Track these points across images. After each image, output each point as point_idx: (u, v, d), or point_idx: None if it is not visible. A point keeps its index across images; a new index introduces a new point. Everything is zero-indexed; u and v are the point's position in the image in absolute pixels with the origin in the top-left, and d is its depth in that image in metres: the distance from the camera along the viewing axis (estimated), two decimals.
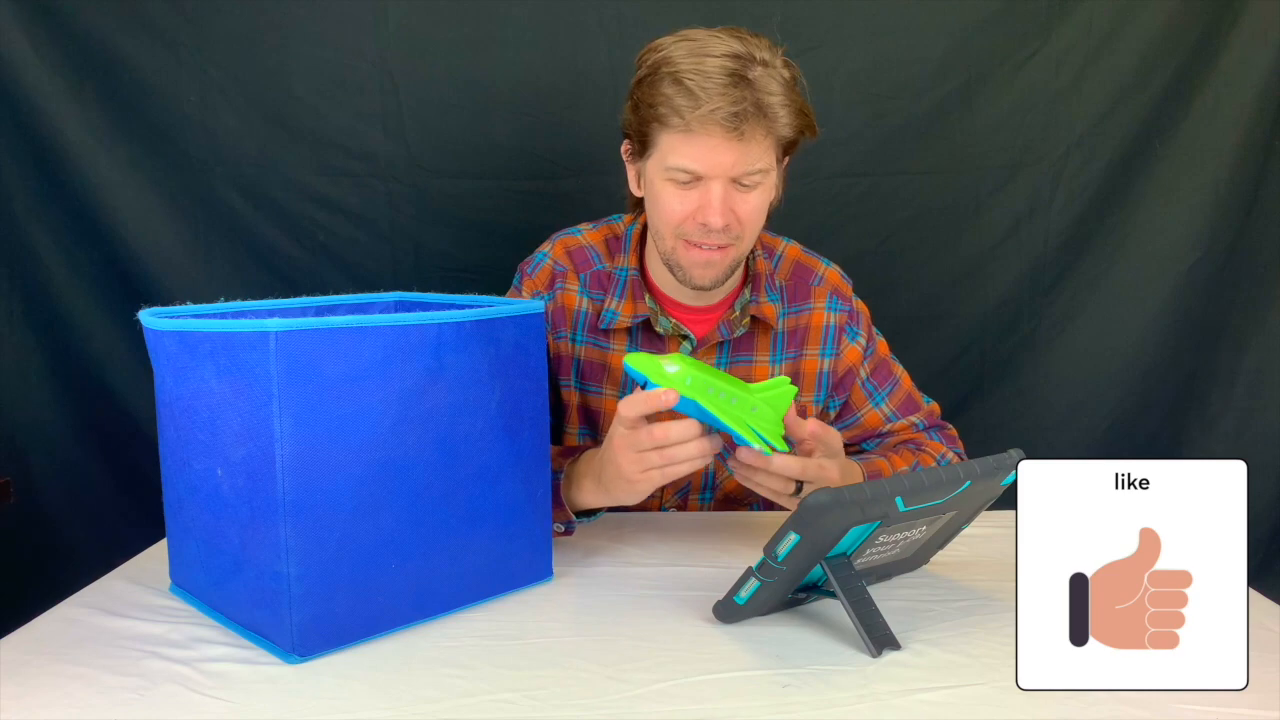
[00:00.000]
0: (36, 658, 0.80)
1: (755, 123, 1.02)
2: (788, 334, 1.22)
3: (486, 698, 0.74)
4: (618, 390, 1.20)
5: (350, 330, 0.78)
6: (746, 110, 1.00)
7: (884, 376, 1.28)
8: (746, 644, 0.83)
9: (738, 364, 1.21)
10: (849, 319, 1.24)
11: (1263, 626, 0.84)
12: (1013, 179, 1.70)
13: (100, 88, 1.63)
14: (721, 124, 1.01)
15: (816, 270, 1.25)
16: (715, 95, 1.00)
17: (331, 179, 1.68)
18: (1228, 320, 1.74)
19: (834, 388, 1.24)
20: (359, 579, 0.81)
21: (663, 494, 1.23)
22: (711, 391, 0.87)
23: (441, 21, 1.64)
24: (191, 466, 0.84)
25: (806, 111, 1.07)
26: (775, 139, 1.06)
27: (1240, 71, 1.65)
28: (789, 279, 1.23)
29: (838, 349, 1.23)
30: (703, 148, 1.03)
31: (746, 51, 1.02)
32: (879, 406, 1.26)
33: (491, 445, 0.89)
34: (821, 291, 1.24)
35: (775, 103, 1.02)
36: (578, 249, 1.23)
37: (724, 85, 1.00)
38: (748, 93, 1.01)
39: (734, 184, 1.06)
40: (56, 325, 1.70)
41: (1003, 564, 1.00)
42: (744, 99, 1.00)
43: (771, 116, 1.03)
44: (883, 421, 1.27)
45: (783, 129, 1.05)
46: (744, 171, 1.05)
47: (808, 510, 0.77)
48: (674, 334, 1.19)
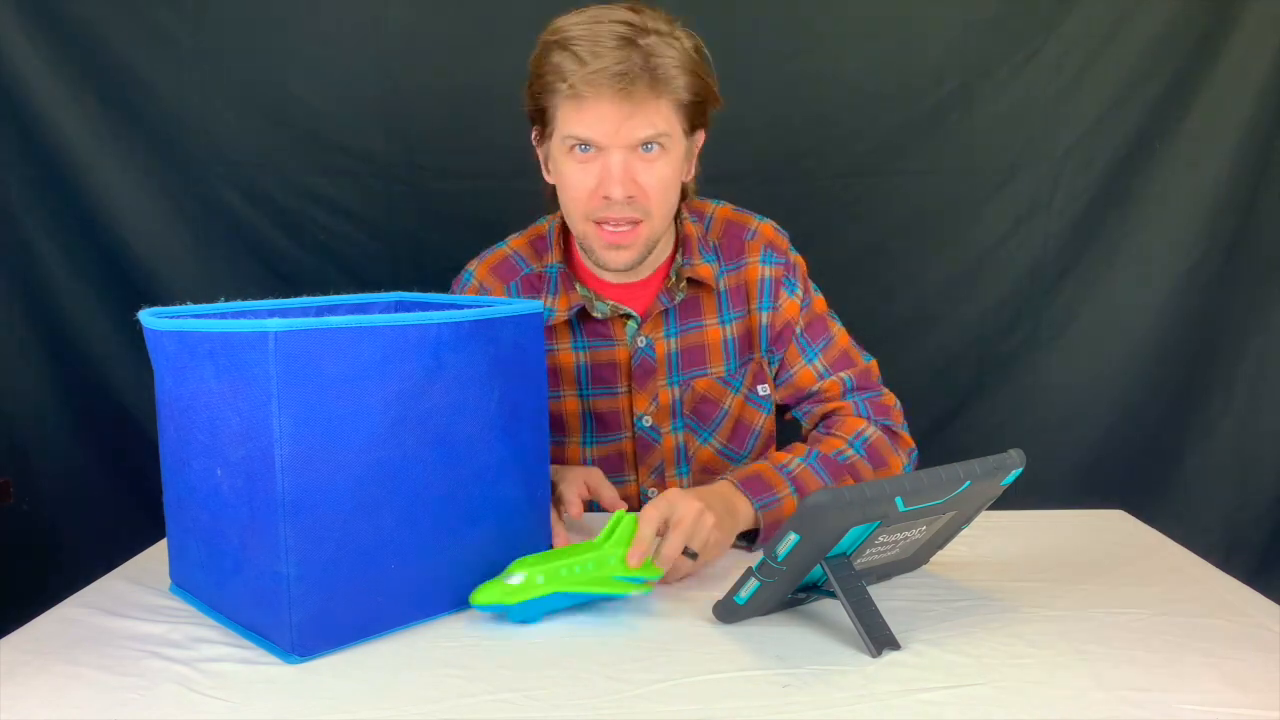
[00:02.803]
0: (36, 658, 0.80)
1: (646, 84, 1.01)
2: (730, 292, 1.21)
3: (486, 698, 0.74)
4: (574, 388, 1.20)
5: (350, 330, 0.78)
6: (634, 70, 1.00)
7: (818, 332, 1.24)
8: (746, 644, 0.83)
9: (687, 331, 1.19)
10: (786, 270, 1.22)
11: (1263, 627, 0.83)
12: (1013, 179, 1.70)
13: (100, 88, 1.63)
14: (609, 84, 1.00)
15: (749, 225, 1.23)
16: (603, 54, 1.00)
17: (331, 179, 1.68)
18: (1227, 320, 1.74)
19: (772, 341, 1.22)
20: (358, 579, 0.81)
21: (639, 476, 1.23)
22: (565, 573, 0.86)
23: (441, 21, 1.64)
24: (191, 466, 0.84)
25: (703, 75, 1.06)
26: (673, 102, 1.04)
27: (1240, 71, 1.66)
28: (722, 237, 1.22)
29: (775, 302, 1.21)
30: (594, 112, 1.03)
31: (640, 21, 1.02)
32: (811, 363, 1.22)
33: (490, 445, 0.89)
34: (755, 245, 1.22)
35: (667, 63, 1.02)
36: (502, 261, 1.23)
37: (611, 47, 1.00)
38: (636, 55, 1.00)
39: (634, 153, 1.05)
40: (56, 325, 1.70)
41: (1003, 564, 1.00)
42: (631, 59, 1.00)
43: (663, 78, 1.02)
44: (815, 379, 1.22)
45: (677, 91, 1.04)
46: (641, 137, 1.04)
47: (808, 510, 0.77)
48: (614, 315, 1.18)
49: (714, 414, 1.22)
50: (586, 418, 1.21)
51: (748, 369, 1.22)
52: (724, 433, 1.23)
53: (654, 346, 1.19)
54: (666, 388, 1.20)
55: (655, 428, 1.21)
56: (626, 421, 1.21)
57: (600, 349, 1.19)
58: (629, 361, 1.19)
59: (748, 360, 1.22)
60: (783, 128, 1.68)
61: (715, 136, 1.69)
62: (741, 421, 1.24)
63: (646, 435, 1.21)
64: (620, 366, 1.19)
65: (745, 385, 1.22)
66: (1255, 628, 0.83)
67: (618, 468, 1.23)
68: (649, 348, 1.19)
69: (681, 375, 1.20)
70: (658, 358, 1.19)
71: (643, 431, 1.21)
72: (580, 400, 1.21)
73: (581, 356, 1.20)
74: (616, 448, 1.22)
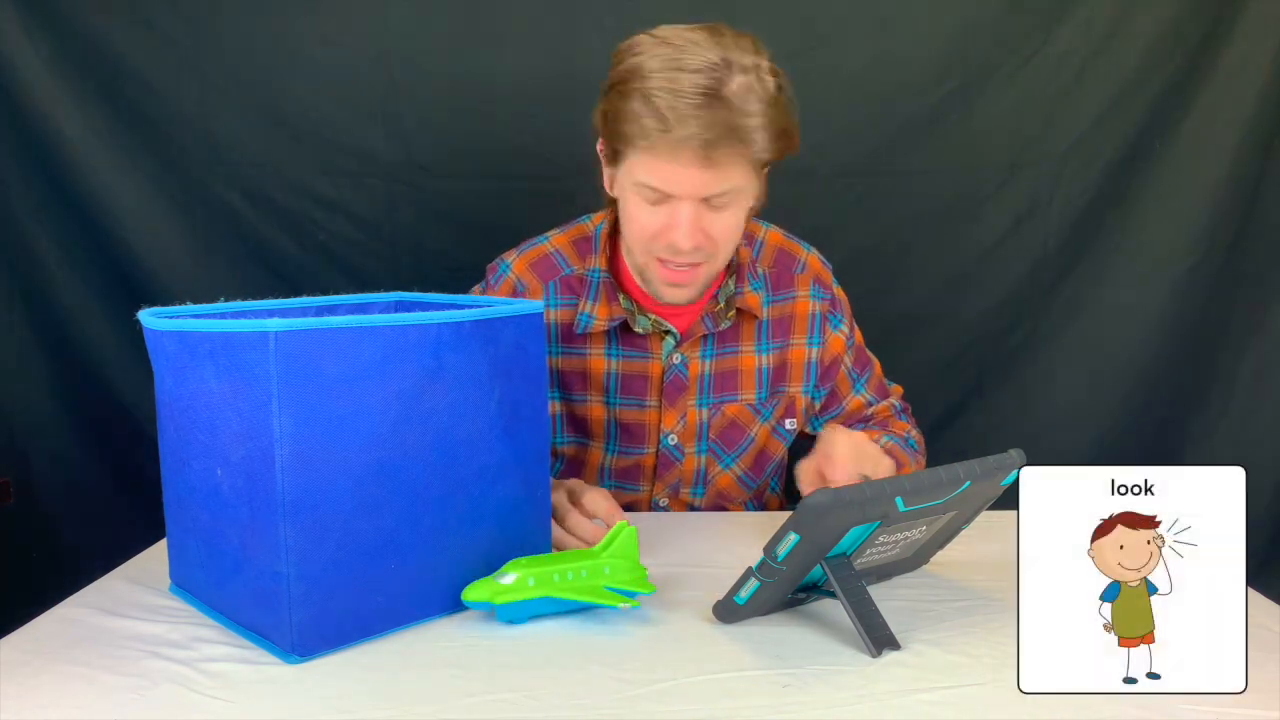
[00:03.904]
0: (36, 658, 0.80)
1: (728, 148, 0.96)
2: (773, 323, 1.20)
3: (486, 698, 0.74)
4: (602, 395, 1.19)
5: (350, 330, 0.78)
6: (717, 135, 0.95)
7: (863, 364, 1.28)
8: (746, 644, 0.83)
9: (724, 355, 1.19)
10: (831, 307, 1.23)
11: (1263, 627, 0.83)
12: (1013, 179, 1.70)
13: (100, 87, 1.63)
14: (693, 150, 0.96)
15: (799, 256, 1.23)
16: (687, 119, 0.94)
17: (331, 179, 1.68)
18: (1227, 321, 1.74)
19: (820, 377, 1.24)
20: (359, 579, 0.81)
21: (654, 488, 1.23)
22: (558, 578, 0.86)
23: (441, 21, 1.64)
24: (191, 466, 0.84)
25: (789, 130, 1.01)
26: (752, 159, 1.00)
27: (1240, 71, 1.65)
28: (772, 266, 1.21)
29: (823, 338, 1.22)
30: (671, 170, 0.99)
31: (724, 59, 0.95)
32: (860, 393, 1.27)
33: (491, 445, 0.89)
34: (805, 279, 1.22)
35: (752, 125, 0.96)
36: (542, 258, 1.20)
37: (695, 107, 0.94)
38: (722, 114, 0.94)
39: (705, 204, 1.02)
40: (56, 325, 1.70)
41: (1003, 564, 1.00)
42: (716, 123, 0.94)
43: (747, 141, 0.97)
44: (865, 406, 1.28)
45: (759, 152, 0.99)
46: (714, 192, 1.01)
47: (808, 510, 0.77)
48: (655, 331, 1.17)
49: (740, 440, 1.22)
50: (611, 426, 1.20)
51: (779, 400, 1.22)
52: (746, 460, 1.23)
53: (688, 365, 1.18)
54: (696, 408, 1.19)
55: (679, 446, 1.20)
56: (652, 436, 1.20)
57: (634, 359, 1.18)
58: (661, 377, 1.18)
59: (779, 391, 1.22)
60: None
61: None
62: (765, 451, 1.24)
63: (670, 453, 1.20)
64: (652, 381, 1.18)
65: (774, 416, 1.23)
66: (1255, 628, 0.82)
67: (634, 478, 1.22)
68: (683, 365, 1.18)
69: (713, 398, 1.20)
70: (690, 376, 1.18)
71: (666, 449, 1.20)
72: (607, 408, 1.20)
73: (614, 364, 1.18)
74: (638, 460, 1.21)
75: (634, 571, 0.90)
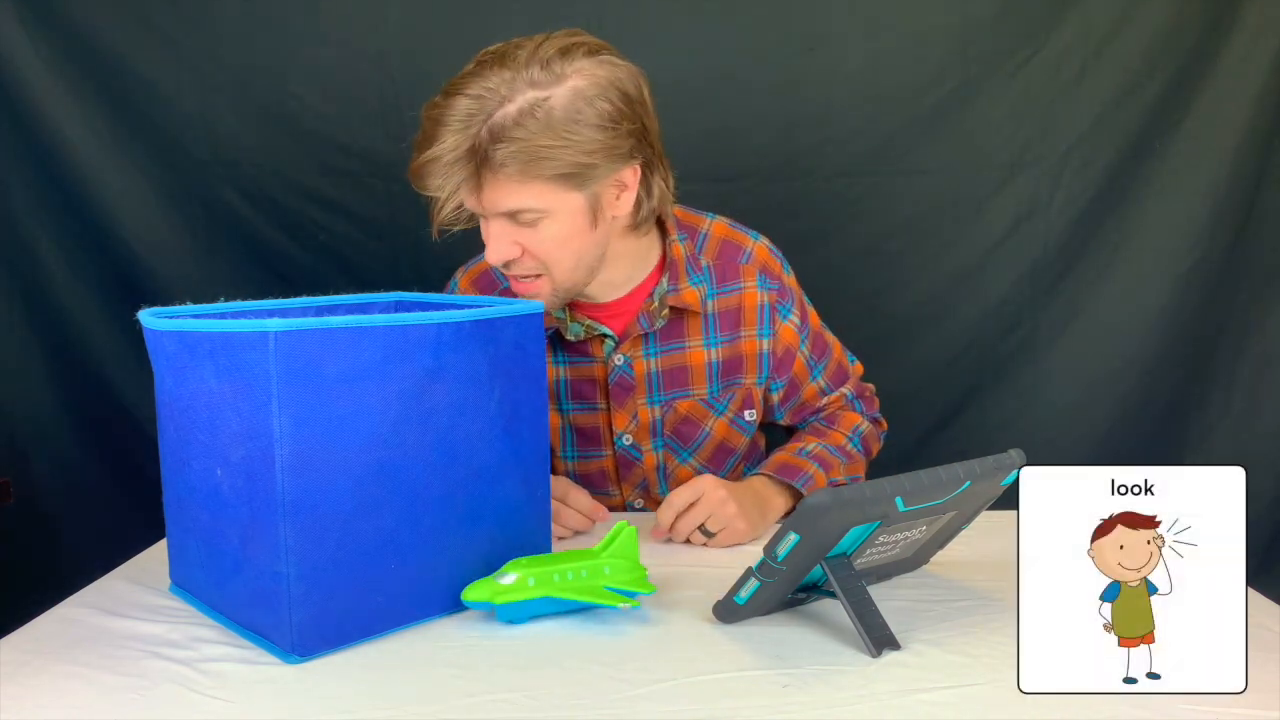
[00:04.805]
0: (36, 658, 0.80)
1: (485, 170, 0.97)
2: (719, 315, 1.18)
3: (486, 698, 0.74)
4: (554, 402, 1.19)
5: (350, 330, 0.78)
6: (461, 158, 0.96)
7: (821, 350, 1.27)
8: (746, 644, 0.83)
9: (669, 353, 1.18)
10: (780, 297, 1.21)
11: (1263, 627, 0.83)
12: (1013, 179, 1.70)
13: (100, 87, 1.63)
14: (440, 172, 0.97)
15: (745, 246, 1.21)
16: (433, 142, 0.96)
17: (331, 179, 1.68)
18: (1227, 321, 1.74)
19: (774, 369, 1.23)
20: (359, 579, 0.81)
21: (623, 492, 1.24)
22: (558, 578, 0.86)
23: (441, 21, 1.64)
24: (191, 466, 0.84)
25: (587, 140, 0.97)
26: (537, 179, 0.98)
27: (1240, 71, 1.65)
28: (716, 258, 1.19)
29: (773, 329, 1.21)
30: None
31: (497, 88, 0.96)
32: (816, 380, 1.26)
33: (491, 445, 0.89)
34: (750, 270, 1.20)
35: (510, 148, 0.95)
36: (482, 274, 1.22)
37: (448, 130, 0.96)
38: (476, 136, 0.95)
39: (511, 221, 1.02)
40: (56, 325, 1.70)
41: (1003, 564, 1.00)
42: (456, 146, 0.96)
43: (505, 159, 0.96)
44: (819, 395, 1.27)
45: (534, 172, 0.97)
46: (503, 210, 1.00)
47: (808, 510, 0.77)
48: (590, 336, 1.16)
49: (695, 435, 1.22)
50: (567, 431, 1.21)
51: (734, 393, 1.22)
52: (704, 454, 1.23)
53: (632, 365, 1.18)
54: (647, 406, 1.19)
55: (636, 446, 1.20)
56: (607, 438, 1.21)
57: (579, 365, 1.19)
58: (606, 379, 1.18)
59: (733, 384, 1.21)
60: (782, 127, 1.68)
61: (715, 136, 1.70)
62: (724, 444, 1.24)
63: (627, 453, 1.21)
64: (599, 384, 1.19)
65: (731, 409, 1.22)
66: (1255, 628, 0.82)
67: (601, 484, 1.23)
68: (627, 366, 1.18)
69: (663, 395, 1.19)
70: (636, 376, 1.18)
71: (623, 450, 1.21)
72: (561, 415, 1.20)
73: (562, 371, 1.19)
74: (599, 464, 1.22)
75: (634, 571, 0.90)
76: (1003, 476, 0.87)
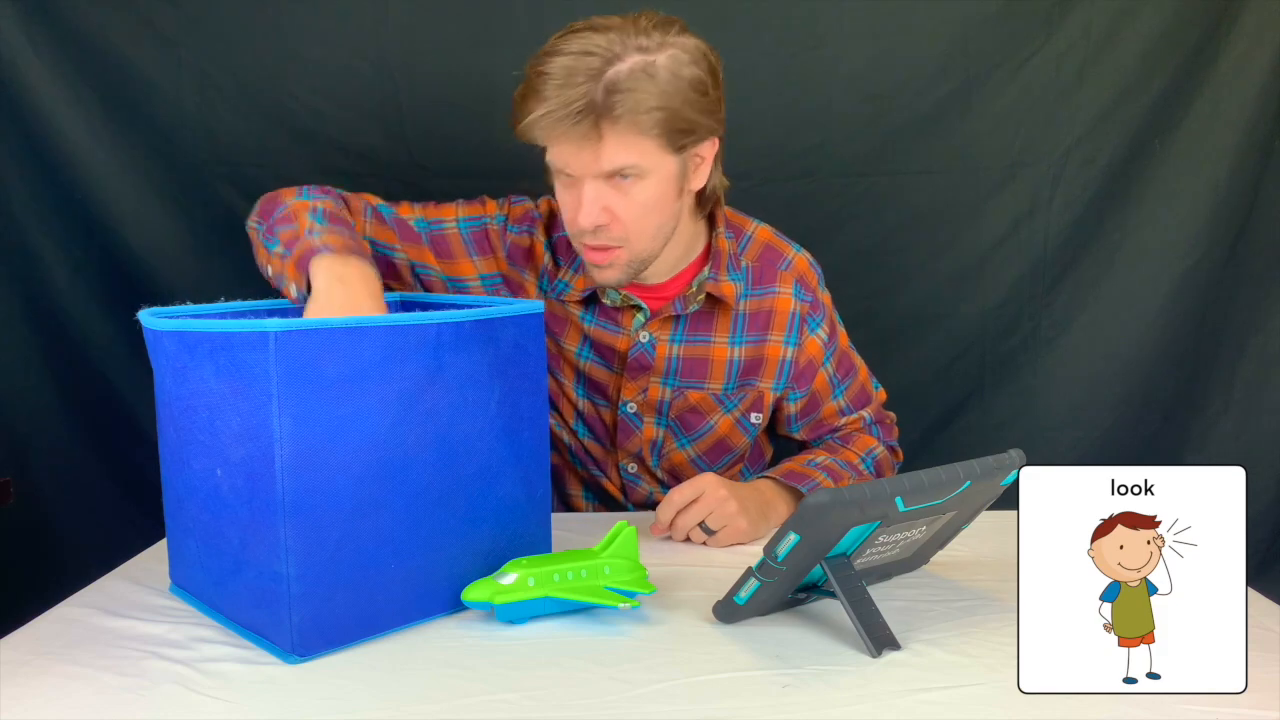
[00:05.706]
0: (36, 658, 0.80)
1: (607, 121, 0.99)
2: (749, 316, 1.20)
3: (486, 698, 0.74)
4: (575, 346, 1.21)
5: (349, 330, 0.78)
6: (590, 108, 0.98)
7: (846, 370, 1.28)
8: (746, 644, 0.83)
9: (694, 343, 1.20)
10: (811, 309, 1.23)
11: (1263, 626, 0.84)
12: (1013, 179, 1.70)
13: (100, 88, 1.63)
14: (561, 126, 0.99)
15: (785, 254, 1.23)
16: (550, 97, 0.98)
17: (331, 179, 1.67)
18: (1227, 321, 1.74)
19: (794, 378, 1.24)
20: (358, 579, 0.81)
21: (618, 454, 1.25)
22: (558, 578, 0.86)
23: (442, 21, 1.64)
24: (191, 466, 0.84)
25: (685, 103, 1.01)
26: (647, 135, 1.01)
27: (1240, 71, 1.65)
28: (757, 260, 1.22)
29: (800, 339, 1.22)
30: (559, 149, 1.03)
31: (608, 48, 0.98)
32: (837, 399, 1.27)
33: (491, 445, 0.89)
34: (788, 276, 1.22)
35: (632, 99, 0.98)
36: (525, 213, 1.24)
37: (560, 86, 0.98)
38: (590, 91, 0.97)
39: (608, 181, 1.03)
40: (56, 325, 1.70)
41: (1003, 564, 1.00)
42: (587, 97, 0.97)
43: (624, 115, 0.98)
44: (838, 414, 1.27)
45: (643, 125, 1.00)
46: (607, 169, 1.02)
47: (808, 510, 0.77)
48: (624, 305, 1.18)
49: (699, 425, 1.23)
50: (579, 376, 1.23)
51: (747, 393, 1.22)
52: (703, 445, 1.24)
53: (655, 346, 1.19)
54: (659, 386, 1.21)
55: (639, 415, 1.22)
56: (614, 398, 1.22)
57: (606, 330, 1.20)
58: (627, 352, 1.19)
59: (748, 385, 1.22)
60: (783, 127, 1.67)
61: None
62: (725, 441, 1.24)
63: (629, 420, 1.22)
64: (619, 354, 1.20)
65: (739, 409, 1.23)
66: (1255, 628, 0.82)
67: (599, 433, 1.24)
68: (650, 345, 1.19)
69: (677, 381, 1.21)
70: (657, 357, 1.19)
71: (625, 416, 1.22)
72: (578, 359, 1.22)
73: (588, 328, 1.21)
74: (601, 414, 1.23)
75: (634, 571, 0.90)
76: (1003, 476, 0.87)
